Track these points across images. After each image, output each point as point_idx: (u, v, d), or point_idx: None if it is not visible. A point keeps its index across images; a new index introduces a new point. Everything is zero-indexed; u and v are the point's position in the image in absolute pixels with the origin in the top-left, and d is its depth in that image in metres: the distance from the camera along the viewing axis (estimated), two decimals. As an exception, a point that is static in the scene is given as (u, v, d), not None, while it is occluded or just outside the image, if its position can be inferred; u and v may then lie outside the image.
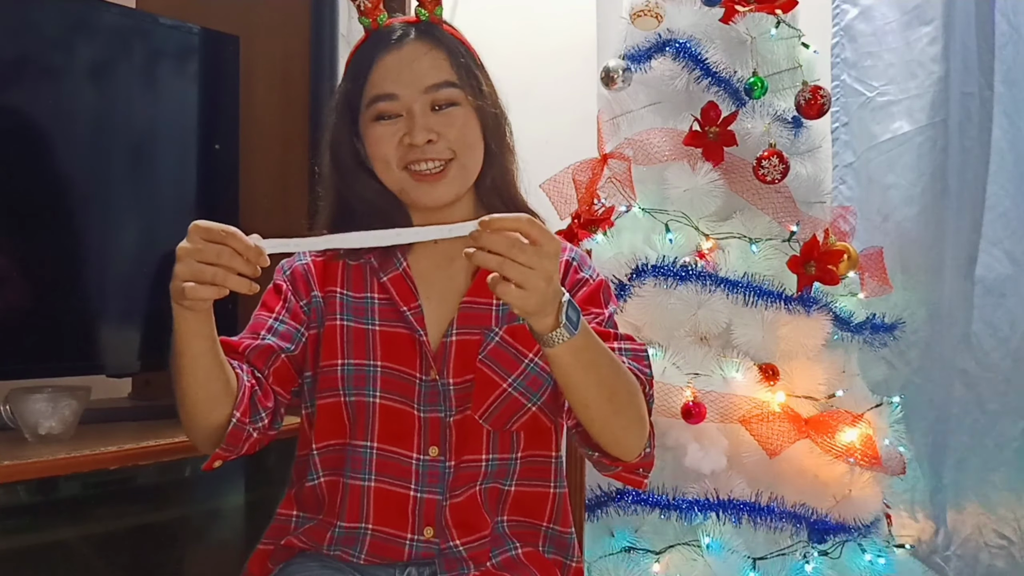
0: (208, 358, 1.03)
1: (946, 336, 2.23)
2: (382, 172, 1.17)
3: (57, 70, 1.55)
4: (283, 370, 1.17)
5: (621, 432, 1.09)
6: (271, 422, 1.14)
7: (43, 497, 1.40)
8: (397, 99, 1.15)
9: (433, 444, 1.16)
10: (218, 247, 0.92)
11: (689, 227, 1.89)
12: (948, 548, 2.21)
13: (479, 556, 1.17)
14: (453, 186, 1.17)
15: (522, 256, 0.90)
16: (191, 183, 1.74)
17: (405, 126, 1.14)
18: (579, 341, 0.99)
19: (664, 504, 1.76)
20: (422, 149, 1.14)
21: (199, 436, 1.11)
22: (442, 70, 1.16)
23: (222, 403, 1.07)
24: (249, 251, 0.93)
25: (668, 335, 1.83)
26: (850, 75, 2.38)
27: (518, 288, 0.91)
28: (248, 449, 1.12)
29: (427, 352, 1.17)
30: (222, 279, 0.92)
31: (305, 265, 1.22)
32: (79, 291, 1.60)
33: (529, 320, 0.97)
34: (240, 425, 1.09)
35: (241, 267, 0.93)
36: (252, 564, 1.23)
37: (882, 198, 2.32)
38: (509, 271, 0.91)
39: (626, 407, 1.08)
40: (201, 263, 0.92)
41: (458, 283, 1.21)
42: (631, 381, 1.09)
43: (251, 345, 1.15)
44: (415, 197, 1.17)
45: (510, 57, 1.37)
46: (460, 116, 1.16)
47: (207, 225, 0.93)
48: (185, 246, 0.93)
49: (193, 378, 1.03)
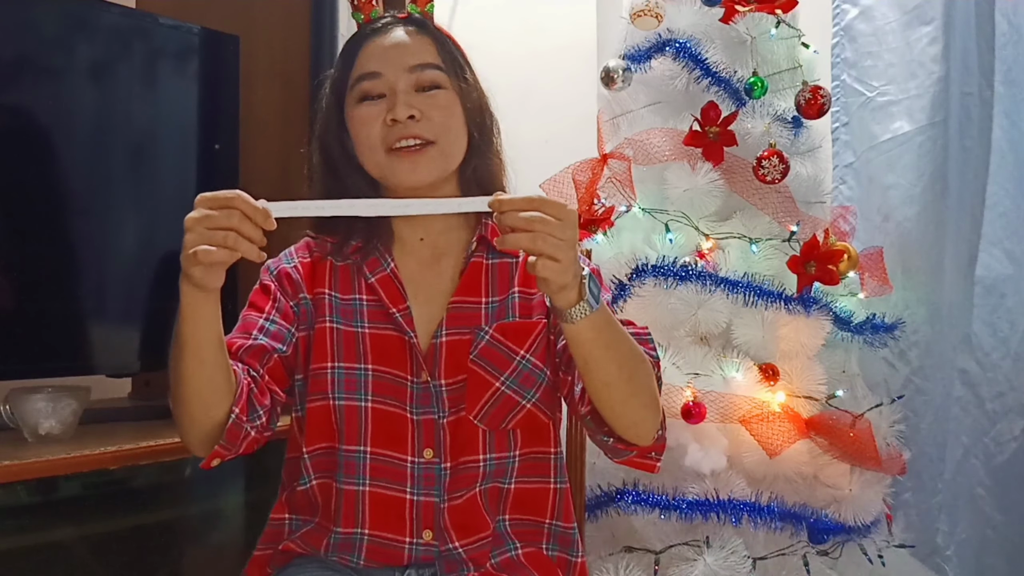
0: (214, 347, 1.01)
1: (946, 336, 2.22)
2: (365, 155, 1.16)
3: (57, 70, 1.55)
4: (277, 370, 1.16)
5: (639, 414, 1.08)
6: (268, 421, 1.13)
7: (43, 497, 1.40)
8: (381, 76, 1.14)
9: (428, 446, 1.16)
10: (226, 210, 0.92)
11: (689, 227, 1.89)
12: (948, 548, 2.20)
13: (479, 557, 1.17)
14: (432, 167, 1.15)
15: (551, 229, 0.92)
16: (191, 183, 1.74)
17: (388, 104, 1.14)
18: (600, 316, 0.99)
19: (664, 504, 1.76)
20: (404, 125, 1.13)
21: (197, 434, 1.07)
22: (427, 53, 1.16)
23: (223, 398, 1.05)
24: (257, 213, 0.93)
25: (668, 335, 1.83)
26: (850, 75, 2.38)
27: (554, 262, 0.92)
28: (246, 448, 1.11)
29: (418, 354, 1.16)
30: (233, 242, 0.92)
31: (293, 266, 1.21)
32: (79, 291, 1.60)
33: (556, 296, 0.97)
34: (239, 422, 1.06)
35: (250, 230, 0.92)
36: (250, 568, 1.22)
37: (882, 198, 2.32)
38: (544, 246, 0.91)
39: (643, 388, 1.07)
40: (211, 229, 0.92)
41: (445, 283, 1.20)
42: (647, 362, 1.08)
43: (244, 345, 1.13)
44: (396, 177, 1.15)
45: (510, 57, 1.37)
46: (444, 99, 1.16)
47: (212, 193, 0.93)
48: (193, 215, 0.93)
49: (198, 367, 1.01)
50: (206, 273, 0.94)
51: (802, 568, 1.79)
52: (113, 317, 1.65)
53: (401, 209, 1.03)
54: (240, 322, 1.17)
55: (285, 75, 1.92)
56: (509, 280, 1.20)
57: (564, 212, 0.93)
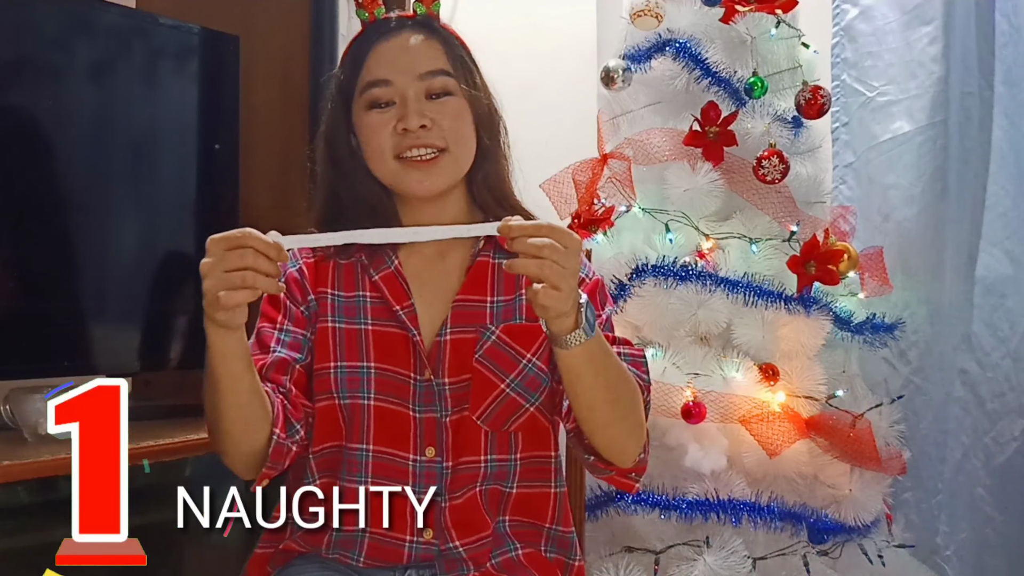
0: (247, 379, 1.02)
1: (946, 336, 2.22)
2: (375, 162, 1.16)
3: (57, 70, 1.55)
4: (301, 381, 1.16)
5: (621, 438, 1.10)
6: (306, 433, 1.14)
7: (43, 497, 1.40)
8: (391, 85, 1.14)
9: (430, 445, 1.16)
10: (239, 251, 0.93)
11: (689, 227, 1.89)
12: (948, 548, 2.20)
13: (479, 557, 1.16)
14: (444, 176, 1.15)
15: (558, 256, 0.92)
16: (191, 183, 1.74)
17: (399, 113, 1.13)
18: (594, 344, 1.00)
19: (664, 504, 1.76)
20: (416, 135, 1.13)
21: (241, 460, 1.09)
22: (437, 59, 1.16)
23: (263, 424, 1.06)
24: (269, 248, 0.93)
25: (668, 335, 1.83)
26: (850, 75, 2.38)
27: (556, 291, 0.93)
28: (290, 462, 1.12)
29: (421, 351, 1.16)
30: (251, 280, 0.93)
31: (298, 269, 1.20)
32: (79, 291, 1.60)
33: (553, 323, 0.98)
34: (281, 443, 1.08)
35: (266, 266, 0.93)
36: (251, 567, 1.22)
37: (882, 198, 2.32)
38: (550, 274, 0.92)
39: (628, 413, 1.08)
40: (228, 272, 0.93)
41: (451, 280, 1.19)
42: (635, 387, 1.09)
43: (266, 361, 1.14)
44: (406, 186, 1.15)
45: (510, 57, 1.37)
46: (454, 106, 1.15)
47: (223, 235, 0.94)
48: (207, 261, 0.94)
49: (235, 400, 1.02)
50: (230, 316, 0.95)
51: (802, 568, 1.79)
52: (113, 317, 1.65)
53: (411, 236, 1.05)
54: (256, 337, 1.17)
55: (285, 75, 1.92)
56: (516, 281, 1.20)
57: (570, 240, 0.94)
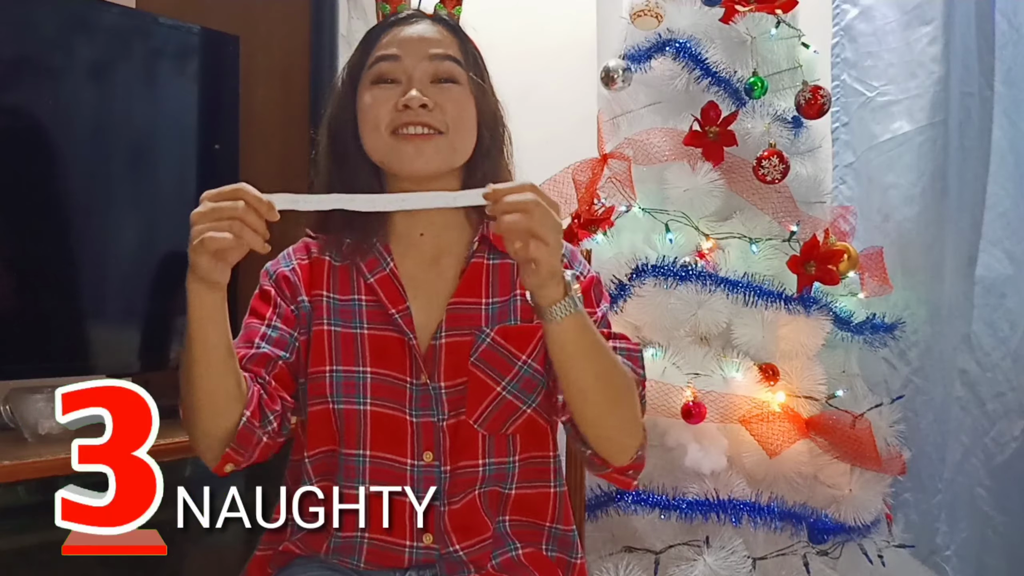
0: (223, 350, 1.01)
1: (946, 336, 2.23)
2: (369, 136, 1.14)
3: (57, 70, 1.55)
4: (283, 376, 1.15)
5: (615, 430, 1.09)
6: (280, 427, 1.12)
7: (43, 497, 1.40)
8: (399, 60, 1.14)
9: (427, 449, 1.15)
10: (231, 201, 0.94)
11: (689, 227, 1.89)
12: (948, 548, 2.20)
13: (480, 559, 1.16)
14: (438, 157, 1.13)
15: (541, 211, 0.95)
16: (191, 183, 1.74)
17: (403, 91, 1.13)
18: (583, 319, 1.01)
19: (664, 504, 1.76)
20: (416, 112, 1.12)
21: (208, 440, 1.07)
22: (449, 47, 1.16)
23: (234, 403, 1.05)
24: (260, 203, 0.94)
25: (668, 335, 1.83)
26: (850, 75, 2.39)
27: (544, 244, 0.95)
28: (259, 455, 1.10)
29: (417, 355, 1.15)
30: (239, 229, 0.93)
31: (291, 269, 1.20)
32: (79, 291, 1.60)
33: (540, 291, 0.99)
34: (251, 426, 1.06)
35: (255, 220, 0.94)
36: (251, 569, 1.21)
37: (882, 198, 2.32)
38: (539, 227, 0.94)
39: (622, 404, 1.08)
40: (217, 220, 0.94)
41: (446, 283, 1.19)
42: (628, 378, 1.09)
43: (248, 354, 1.13)
44: (399, 162, 1.13)
45: (510, 57, 1.37)
46: (459, 93, 1.15)
47: (217, 189, 0.95)
48: (199, 210, 0.95)
49: (207, 370, 1.01)
50: (213, 265, 0.94)
51: (802, 568, 1.79)
52: (113, 317, 1.65)
53: (398, 204, 1.04)
54: (243, 331, 1.16)
55: (285, 75, 1.92)
56: (511, 282, 1.19)
57: (551, 200, 0.97)
